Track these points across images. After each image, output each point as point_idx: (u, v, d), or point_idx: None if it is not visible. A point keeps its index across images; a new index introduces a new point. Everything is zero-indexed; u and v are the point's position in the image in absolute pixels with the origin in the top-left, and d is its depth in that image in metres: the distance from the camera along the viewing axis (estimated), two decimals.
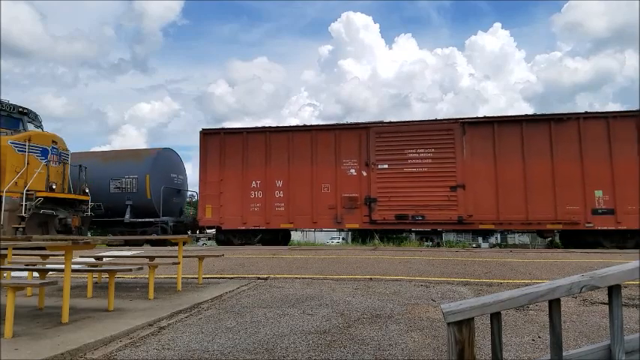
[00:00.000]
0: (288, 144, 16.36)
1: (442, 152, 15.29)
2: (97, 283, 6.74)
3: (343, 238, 30.83)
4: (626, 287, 5.69)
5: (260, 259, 9.65)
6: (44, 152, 13.75)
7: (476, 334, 2.23)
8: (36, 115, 14.68)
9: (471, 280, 6.87)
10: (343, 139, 16.09)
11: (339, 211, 15.75)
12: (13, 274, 5.98)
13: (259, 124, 17.51)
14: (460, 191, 14.98)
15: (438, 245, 15.93)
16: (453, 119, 15.68)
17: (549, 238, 15.46)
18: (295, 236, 20.35)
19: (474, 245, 31.49)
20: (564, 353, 2.20)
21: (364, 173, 15.72)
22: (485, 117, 15.48)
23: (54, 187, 13.59)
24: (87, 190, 15.35)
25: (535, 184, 14.47)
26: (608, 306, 2.25)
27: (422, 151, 15.45)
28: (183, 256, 6.54)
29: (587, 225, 14.19)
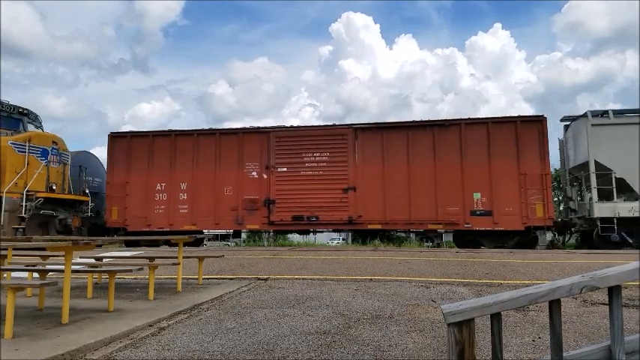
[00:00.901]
0: (194, 147, 16.71)
1: (336, 156, 15.99)
2: (97, 283, 6.74)
3: (343, 239, 30.83)
4: (626, 288, 5.69)
5: (260, 259, 9.65)
6: (44, 153, 13.76)
7: (476, 334, 2.22)
8: (36, 116, 14.69)
9: (472, 281, 6.87)
10: (246, 142, 16.62)
11: (240, 212, 16.28)
12: (14, 274, 5.97)
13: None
14: (351, 193, 15.71)
15: (439, 246, 15.96)
16: (346, 125, 16.48)
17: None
18: (295, 237, 20.41)
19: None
20: (564, 354, 2.20)
21: (265, 176, 16.33)
22: (375, 123, 16.20)
23: (54, 187, 13.60)
24: (87, 191, 15.36)
25: (419, 187, 15.24)
26: (608, 307, 2.25)
27: (318, 155, 16.14)
28: (184, 257, 6.54)
29: (465, 225, 14.94)
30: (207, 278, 7.29)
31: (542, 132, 14.86)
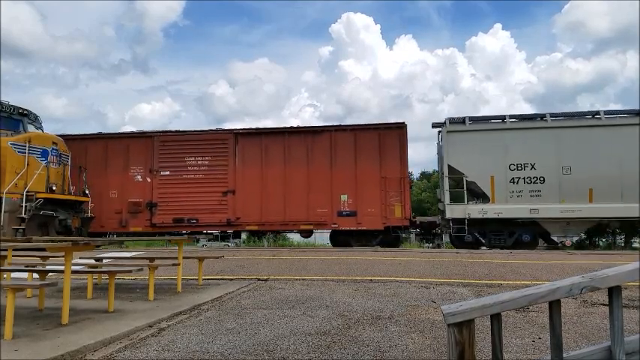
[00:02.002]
0: (81, 152, 16.80)
1: (217, 160, 16.67)
2: (97, 284, 6.73)
3: None
4: (626, 288, 5.68)
5: (260, 260, 9.64)
6: (44, 153, 13.75)
7: (476, 335, 2.22)
8: (36, 117, 14.68)
9: (472, 282, 6.87)
10: (133, 147, 17.01)
11: (125, 215, 16.72)
12: (13, 275, 5.97)
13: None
14: (230, 196, 16.45)
15: (439, 247, 15.97)
16: (228, 130, 17.23)
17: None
18: (295, 237, 20.47)
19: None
20: (565, 354, 2.20)
21: (148, 179, 16.83)
22: (255, 128, 17.09)
23: (54, 188, 13.58)
24: (87, 192, 15.36)
25: (293, 190, 16.12)
26: (608, 307, 2.24)
27: (200, 159, 16.79)
28: (184, 257, 6.53)
29: (332, 225, 15.97)
30: (207, 279, 7.29)
31: (403, 138, 16.03)
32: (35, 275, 5.93)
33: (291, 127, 16.98)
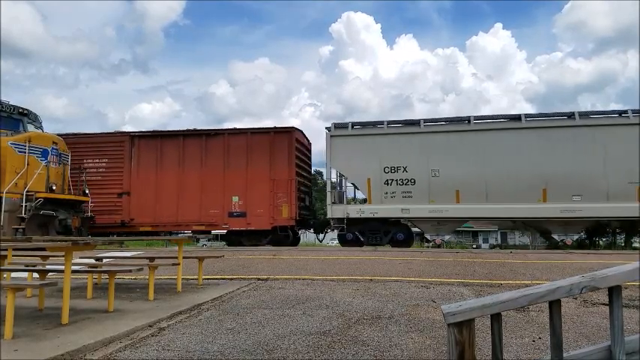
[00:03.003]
0: None
1: (114, 162, 17.07)
2: (97, 284, 6.73)
3: None
4: (626, 288, 5.68)
5: (260, 260, 9.64)
6: (44, 153, 13.75)
7: (476, 335, 2.22)
8: (36, 116, 14.67)
9: (472, 281, 6.87)
10: None
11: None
12: (13, 274, 5.97)
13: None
14: (126, 198, 16.83)
15: (439, 247, 15.99)
16: (125, 132, 17.70)
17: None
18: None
19: (474, 246, 31.54)
20: (565, 354, 2.20)
21: None
22: (153, 131, 17.50)
23: (54, 188, 13.58)
24: (87, 191, 15.37)
25: (187, 191, 16.60)
26: (608, 307, 2.24)
27: (97, 160, 17.17)
28: (183, 257, 6.53)
29: (224, 226, 16.49)
30: (207, 278, 7.29)
31: (291, 142, 16.62)
32: (35, 275, 5.93)
33: (187, 130, 17.42)
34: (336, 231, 16.74)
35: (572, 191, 14.52)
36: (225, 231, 16.92)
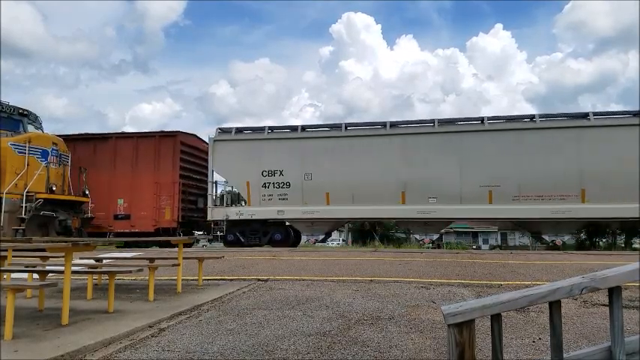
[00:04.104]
0: None
1: None
2: (97, 284, 6.73)
3: (343, 240, 30.83)
4: (626, 289, 5.68)
5: (260, 260, 9.64)
6: (44, 154, 13.76)
7: (476, 335, 2.22)
8: (36, 117, 14.68)
9: (472, 282, 6.87)
10: None
11: None
12: (13, 275, 5.97)
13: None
14: None
15: (439, 247, 16.04)
16: None
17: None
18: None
19: (474, 247, 31.54)
20: (565, 355, 2.20)
21: None
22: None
23: (54, 188, 13.58)
24: (87, 192, 15.37)
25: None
26: (608, 307, 2.24)
27: None
28: (183, 258, 6.53)
29: (109, 228, 16.78)
30: (207, 279, 7.29)
31: (176, 146, 17.12)
32: (35, 276, 5.93)
33: (79, 134, 17.64)
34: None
35: (428, 194, 15.54)
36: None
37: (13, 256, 5.88)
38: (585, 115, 15.18)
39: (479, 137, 15.55)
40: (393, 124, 16.42)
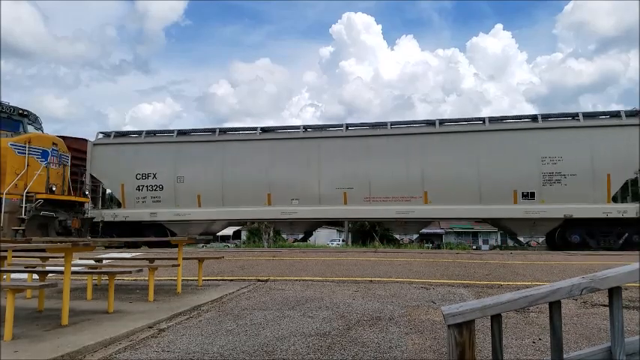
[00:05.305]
0: None
1: None
2: (96, 285, 6.73)
3: (343, 240, 30.82)
4: (626, 289, 5.68)
5: (260, 261, 9.64)
6: (44, 154, 13.75)
7: (476, 336, 2.22)
8: (36, 117, 14.68)
9: (472, 283, 6.86)
10: None
11: None
12: (13, 276, 5.97)
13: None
14: None
15: (439, 247, 16.04)
16: None
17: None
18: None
19: (474, 247, 31.53)
20: (565, 355, 2.20)
21: None
22: None
23: (54, 189, 13.58)
24: (87, 192, 15.36)
25: None
26: (608, 308, 2.24)
27: None
28: (183, 258, 6.53)
29: None
30: (207, 280, 7.28)
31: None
32: (35, 276, 5.92)
33: None
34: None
35: (291, 196, 16.48)
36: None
37: (13, 257, 5.87)
38: (437, 122, 16.20)
39: (335, 143, 16.71)
40: (265, 130, 17.36)
